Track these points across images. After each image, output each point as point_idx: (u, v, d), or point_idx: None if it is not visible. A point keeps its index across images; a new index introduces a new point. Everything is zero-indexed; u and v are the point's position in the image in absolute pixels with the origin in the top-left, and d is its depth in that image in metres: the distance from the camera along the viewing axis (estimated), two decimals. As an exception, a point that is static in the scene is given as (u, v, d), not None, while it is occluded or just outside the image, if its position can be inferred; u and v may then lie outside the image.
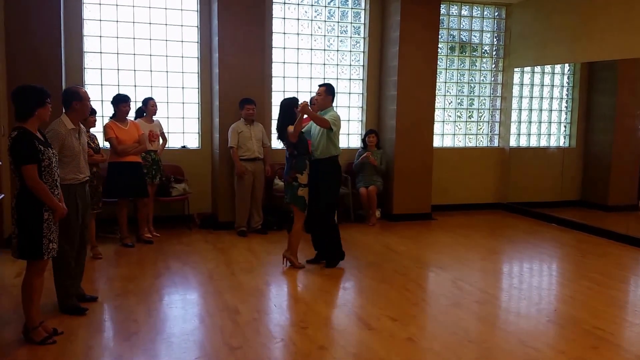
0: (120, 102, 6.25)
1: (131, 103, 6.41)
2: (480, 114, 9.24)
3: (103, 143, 6.39)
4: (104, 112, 6.93)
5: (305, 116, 5.48)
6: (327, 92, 5.68)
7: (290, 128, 5.46)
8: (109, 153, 6.20)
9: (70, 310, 4.31)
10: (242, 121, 7.03)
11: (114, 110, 6.32)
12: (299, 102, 5.53)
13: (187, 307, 4.65)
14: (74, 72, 6.93)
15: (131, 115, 6.64)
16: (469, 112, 9.15)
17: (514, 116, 9.21)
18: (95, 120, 5.77)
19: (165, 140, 7.03)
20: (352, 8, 8.32)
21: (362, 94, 8.47)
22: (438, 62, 8.24)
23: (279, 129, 5.64)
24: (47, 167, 3.70)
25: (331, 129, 5.46)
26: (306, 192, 5.49)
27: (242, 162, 6.94)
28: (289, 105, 5.61)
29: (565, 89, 9.35)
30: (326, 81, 8.19)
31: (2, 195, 5.13)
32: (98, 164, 5.73)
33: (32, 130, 3.69)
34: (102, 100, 7.07)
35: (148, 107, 6.70)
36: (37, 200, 3.65)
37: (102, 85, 7.22)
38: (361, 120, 8.53)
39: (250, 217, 7.19)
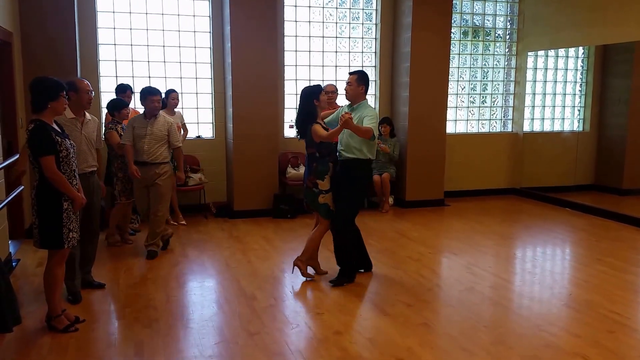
0: (119, 92, 6.27)
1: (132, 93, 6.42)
2: (494, 99, 9.19)
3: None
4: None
5: (324, 115, 5.07)
6: (359, 80, 4.79)
7: (319, 130, 4.68)
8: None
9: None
10: (142, 115, 5.66)
11: None
12: (322, 90, 4.84)
13: (205, 294, 4.73)
14: (89, 64, 7.01)
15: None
16: (482, 97, 9.10)
17: (528, 101, 9.15)
18: (129, 113, 5.94)
19: (186, 131, 7.10)
20: (363, -6, 8.30)
21: (375, 81, 8.44)
22: (451, 47, 8.20)
23: (298, 124, 4.90)
24: (65, 157, 3.75)
25: (373, 136, 4.67)
26: (329, 198, 4.81)
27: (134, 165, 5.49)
28: (309, 96, 4.78)
29: (579, 73, 9.26)
30: (338, 69, 8.25)
31: (22, 187, 5.21)
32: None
33: (49, 122, 3.74)
34: (115, 92, 7.11)
35: (169, 100, 6.75)
36: (56, 191, 3.71)
37: (116, 77, 7.29)
38: (374, 108, 8.51)
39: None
